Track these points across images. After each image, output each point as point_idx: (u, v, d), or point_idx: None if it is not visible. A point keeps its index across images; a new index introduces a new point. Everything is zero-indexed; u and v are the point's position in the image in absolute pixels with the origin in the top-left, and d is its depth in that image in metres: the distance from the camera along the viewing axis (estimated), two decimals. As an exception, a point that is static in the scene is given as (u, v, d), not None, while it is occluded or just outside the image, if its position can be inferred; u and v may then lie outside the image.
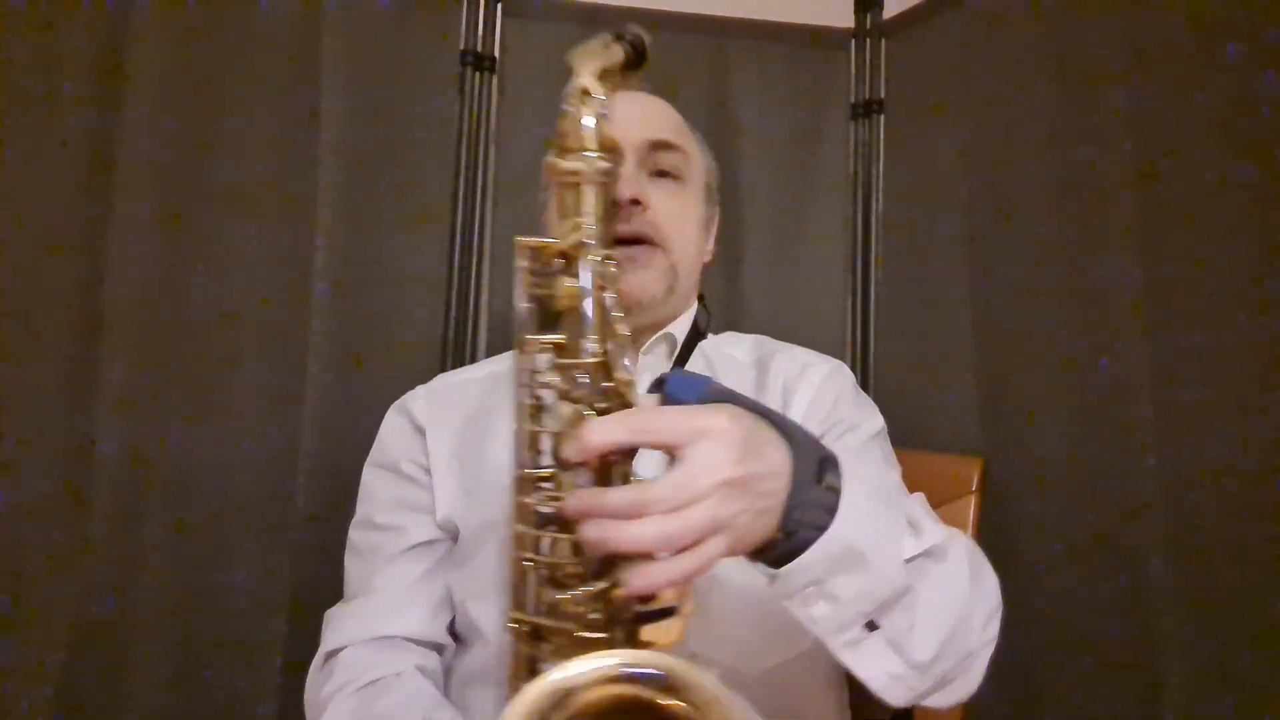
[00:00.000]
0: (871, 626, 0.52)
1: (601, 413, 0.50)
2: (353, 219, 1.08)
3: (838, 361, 0.86)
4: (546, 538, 0.51)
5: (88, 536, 0.95)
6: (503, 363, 0.92)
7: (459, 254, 1.15)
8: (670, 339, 0.85)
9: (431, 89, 1.15)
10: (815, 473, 0.50)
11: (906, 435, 0.84)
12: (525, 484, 0.53)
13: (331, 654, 0.72)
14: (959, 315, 1.07)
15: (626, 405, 0.50)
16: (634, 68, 0.57)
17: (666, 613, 0.47)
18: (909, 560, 0.53)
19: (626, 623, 0.47)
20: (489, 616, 0.71)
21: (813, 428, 0.76)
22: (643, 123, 0.83)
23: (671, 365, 0.83)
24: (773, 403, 0.79)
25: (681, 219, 0.83)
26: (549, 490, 0.52)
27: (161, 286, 1.01)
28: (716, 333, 0.91)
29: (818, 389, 0.79)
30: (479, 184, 1.17)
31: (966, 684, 0.58)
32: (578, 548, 0.49)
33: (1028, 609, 0.94)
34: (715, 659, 0.66)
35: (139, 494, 0.98)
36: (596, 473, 0.48)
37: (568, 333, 0.52)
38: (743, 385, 0.81)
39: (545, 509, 0.52)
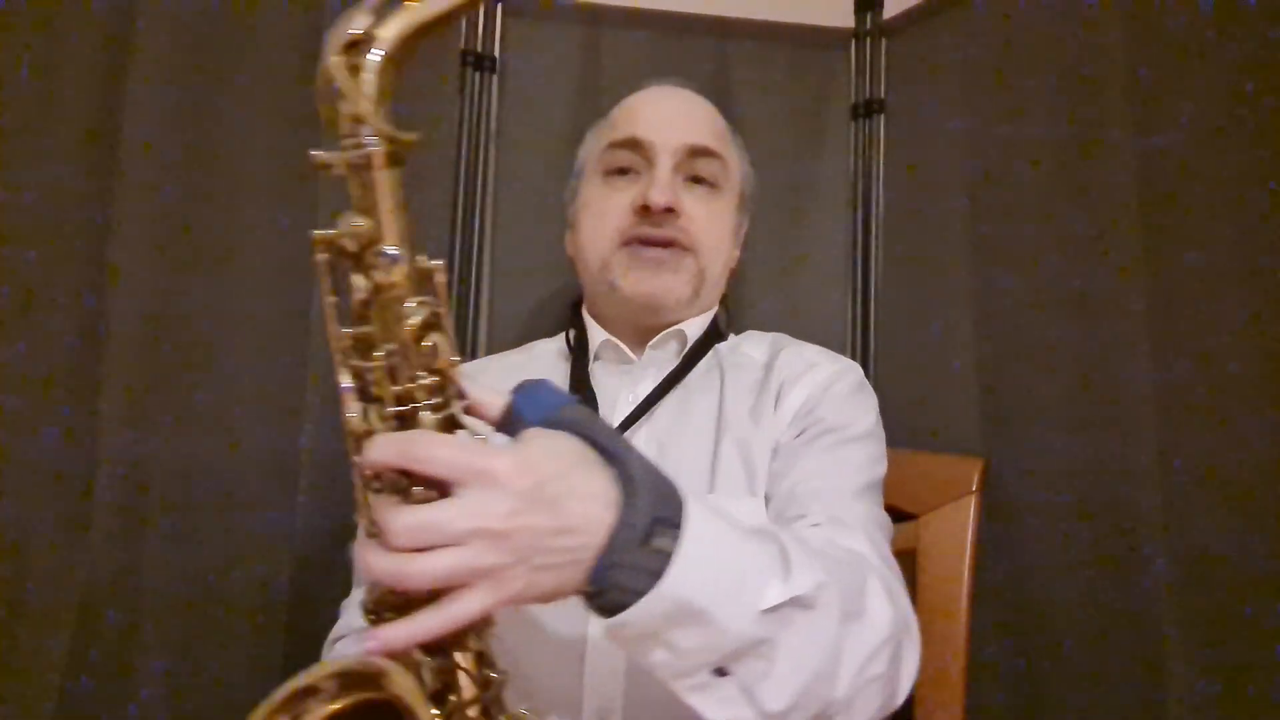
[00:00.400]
0: (721, 672, 0.48)
1: (400, 420, 0.47)
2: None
3: (850, 363, 0.84)
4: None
5: (90, 537, 0.95)
6: (522, 353, 0.93)
7: (459, 254, 1.15)
8: (681, 336, 0.84)
9: (431, 89, 1.15)
10: (644, 533, 0.45)
11: (906, 435, 0.85)
12: (357, 475, 0.49)
13: (333, 643, 0.73)
14: (960, 315, 1.07)
15: (440, 405, 0.47)
16: None
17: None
18: (770, 610, 0.48)
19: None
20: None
21: (800, 426, 0.76)
22: (683, 126, 0.82)
23: (679, 361, 0.83)
24: (766, 403, 0.79)
25: (713, 227, 0.83)
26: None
27: (163, 287, 1.01)
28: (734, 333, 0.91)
29: (814, 388, 0.79)
30: (479, 184, 1.17)
31: None
32: None
33: (1028, 609, 0.94)
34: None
35: (141, 494, 0.98)
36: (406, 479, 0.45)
37: (377, 328, 0.48)
38: (748, 386, 0.81)
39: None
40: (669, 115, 0.84)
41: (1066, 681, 0.90)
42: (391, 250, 0.48)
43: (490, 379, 0.83)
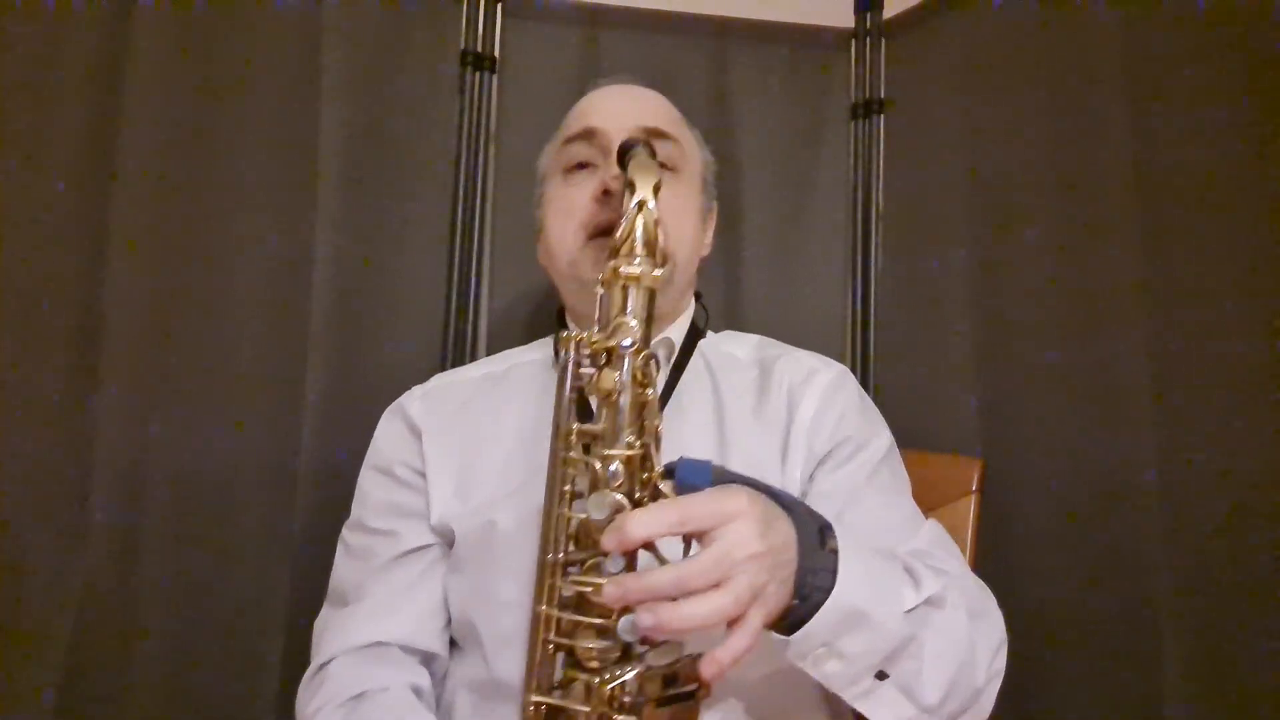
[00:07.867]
0: (882, 676, 0.55)
1: (636, 503, 0.53)
2: (353, 219, 1.08)
3: (842, 367, 0.83)
4: (570, 622, 0.54)
5: (87, 542, 0.95)
6: (498, 363, 0.91)
7: (459, 254, 1.15)
8: (668, 343, 0.82)
9: (431, 89, 1.15)
10: (817, 538, 0.54)
11: (906, 435, 0.84)
12: (553, 568, 0.55)
13: (322, 667, 0.70)
14: (959, 315, 1.07)
15: (657, 494, 0.54)
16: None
17: (689, 694, 0.52)
18: (910, 610, 0.56)
19: (651, 703, 0.51)
20: (488, 622, 0.71)
21: (820, 441, 0.75)
22: (633, 111, 0.82)
23: (669, 368, 0.82)
24: (777, 409, 0.78)
25: (677, 209, 0.80)
26: (575, 576, 0.55)
27: (161, 288, 1.01)
28: (715, 331, 0.91)
29: (822, 398, 0.77)
30: (479, 184, 1.17)
31: (975, 716, 0.62)
32: (604, 631, 0.52)
33: (1027, 609, 0.94)
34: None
35: (138, 499, 0.98)
36: (628, 556, 0.52)
37: (606, 424, 0.56)
38: (744, 385, 0.80)
39: (569, 593, 0.54)
40: (619, 103, 0.84)
41: (1065, 680, 0.90)
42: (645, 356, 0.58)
43: (471, 391, 0.83)
